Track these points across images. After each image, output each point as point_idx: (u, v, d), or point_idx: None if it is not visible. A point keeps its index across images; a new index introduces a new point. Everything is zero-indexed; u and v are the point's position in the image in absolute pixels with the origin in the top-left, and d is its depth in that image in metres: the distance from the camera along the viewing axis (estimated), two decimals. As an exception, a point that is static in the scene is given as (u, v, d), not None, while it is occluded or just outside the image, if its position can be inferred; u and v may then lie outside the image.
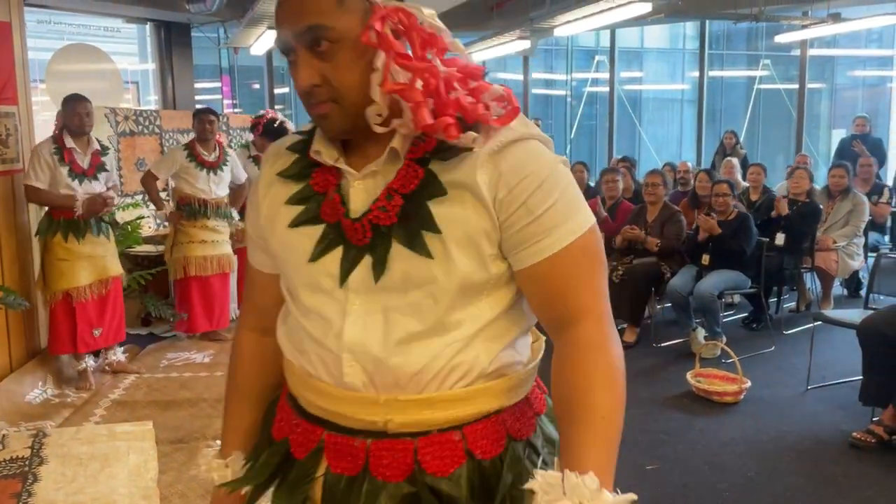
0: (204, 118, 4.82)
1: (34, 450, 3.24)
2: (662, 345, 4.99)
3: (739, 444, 3.40)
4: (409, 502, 1.04)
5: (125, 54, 11.08)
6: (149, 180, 4.79)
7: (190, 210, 4.78)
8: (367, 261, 1.02)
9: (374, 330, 1.03)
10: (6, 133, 4.10)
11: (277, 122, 5.31)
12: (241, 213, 5.08)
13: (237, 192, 5.11)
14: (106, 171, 4.22)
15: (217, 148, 4.88)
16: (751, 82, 13.94)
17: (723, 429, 3.58)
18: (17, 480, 2.96)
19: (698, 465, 3.18)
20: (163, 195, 5.13)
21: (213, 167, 4.84)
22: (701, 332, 4.84)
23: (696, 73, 10.75)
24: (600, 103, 13.34)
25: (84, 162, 4.10)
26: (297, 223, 1.07)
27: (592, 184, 7.12)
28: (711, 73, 13.20)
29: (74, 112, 4.01)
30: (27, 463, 3.12)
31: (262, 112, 5.60)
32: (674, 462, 3.21)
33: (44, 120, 6.77)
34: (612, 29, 10.79)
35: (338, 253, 1.04)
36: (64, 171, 3.98)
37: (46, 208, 4.14)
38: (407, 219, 1.00)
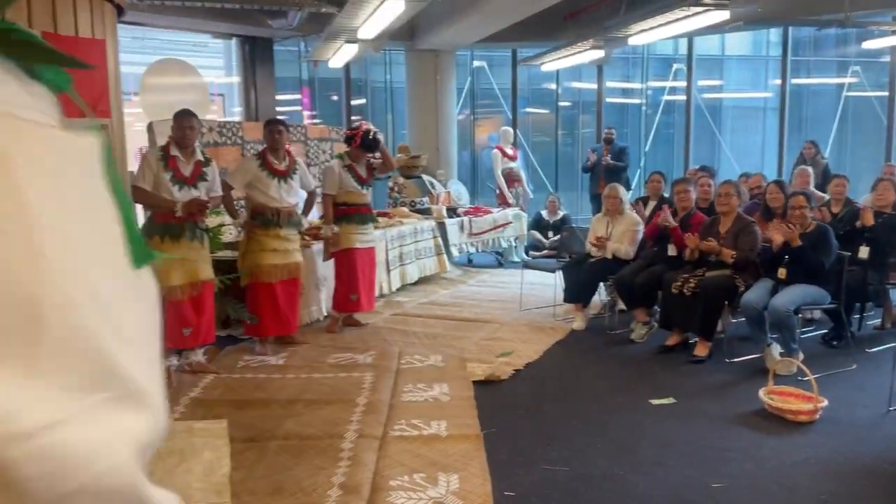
0: (273, 128, 5.01)
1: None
2: (735, 360, 4.86)
3: (813, 464, 3.29)
4: None
5: (212, 68, 11.62)
6: (224, 190, 4.94)
7: (263, 219, 4.94)
8: None
9: None
10: (100, 144, 4.36)
11: (372, 134, 5.51)
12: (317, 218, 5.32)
13: (308, 199, 5.31)
14: (206, 180, 4.51)
15: (287, 157, 5.06)
16: (839, 90, 13.38)
17: (796, 449, 3.47)
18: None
19: (767, 486, 3.09)
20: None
21: (284, 175, 5.01)
22: (776, 349, 4.69)
23: (780, 81, 10.42)
24: (678, 112, 13.05)
25: (186, 170, 4.44)
26: None
27: (667, 194, 7.00)
28: (796, 81, 12.75)
29: (180, 125, 4.42)
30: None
31: (356, 124, 5.81)
32: (741, 481, 3.13)
33: (137, 131, 7.17)
34: (690, 37, 10.58)
35: None
36: (167, 176, 4.34)
37: (150, 213, 4.49)
38: None
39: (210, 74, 10.90)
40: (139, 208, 4.60)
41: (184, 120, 4.46)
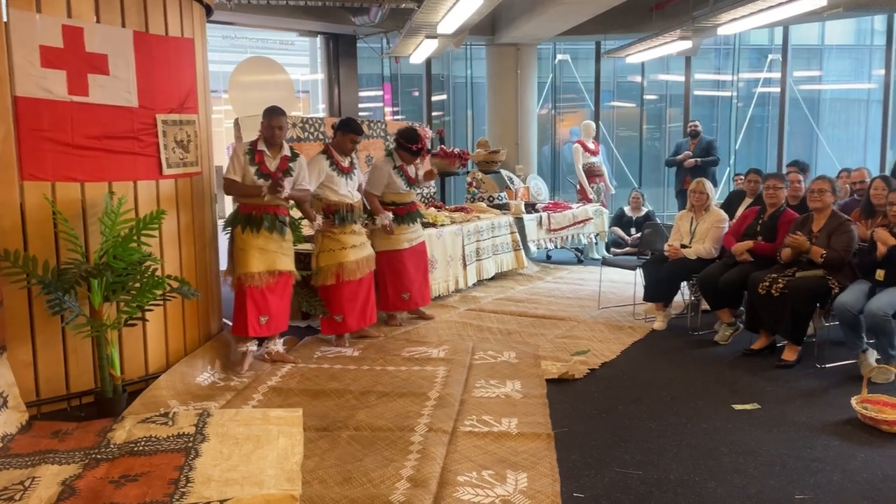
0: (351, 136, 5.01)
1: (198, 427, 3.56)
2: (827, 366, 4.61)
3: (908, 480, 3.07)
4: None
5: (298, 65, 11.91)
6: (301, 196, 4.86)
7: (339, 217, 4.99)
8: None
9: None
10: (187, 139, 4.54)
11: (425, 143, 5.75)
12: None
13: (362, 194, 5.37)
14: (290, 175, 4.61)
15: (349, 155, 5.12)
16: (952, 79, 12.45)
17: (889, 462, 3.24)
18: (181, 454, 3.27)
19: (855, 499, 2.90)
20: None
21: (349, 172, 5.08)
22: (872, 355, 4.41)
23: (884, 71, 9.80)
24: (772, 105, 12.49)
25: (272, 165, 4.57)
26: None
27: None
28: (903, 71, 11.96)
29: (269, 125, 4.55)
30: (191, 439, 3.43)
31: (416, 128, 5.88)
32: (827, 493, 2.96)
33: (226, 128, 7.43)
34: (785, 25, 10.09)
35: None
36: (252, 169, 4.50)
37: (236, 204, 4.67)
38: None
39: (296, 72, 11.18)
40: (228, 199, 4.78)
41: (273, 119, 4.53)
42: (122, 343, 4.16)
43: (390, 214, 5.50)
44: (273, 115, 4.53)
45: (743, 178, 6.63)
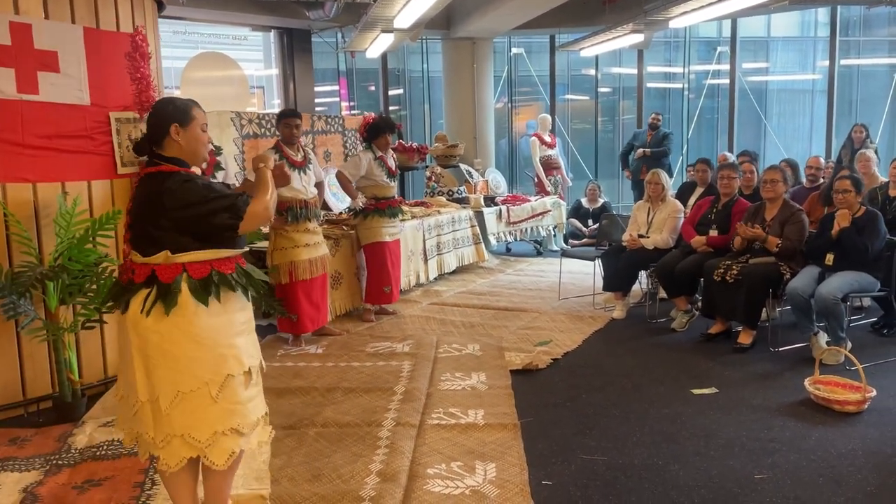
0: (290, 121, 4.90)
1: (162, 429, 3.51)
2: (780, 349, 4.75)
3: (860, 456, 3.20)
4: None
5: (252, 61, 11.71)
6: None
7: (293, 214, 4.86)
8: None
9: None
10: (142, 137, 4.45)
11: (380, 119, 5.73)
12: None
13: (320, 190, 5.29)
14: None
15: (300, 149, 5.05)
16: (891, 70, 12.91)
17: (842, 440, 3.37)
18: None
19: (812, 478, 3.02)
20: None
21: (302, 166, 4.96)
22: (823, 337, 4.57)
23: (828, 62, 10.12)
24: (722, 96, 12.76)
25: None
26: None
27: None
28: (845, 62, 12.37)
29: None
30: (156, 441, 3.38)
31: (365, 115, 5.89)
32: (785, 472, 3.06)
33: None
34: (734, 18, 10.32)
35: None
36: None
37: None
38: None
39: (250, 67, 10.99)
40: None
41: (289, 120, 4.83)
42: (80, 346, 4.08)
43: (363, 197, 5.56)
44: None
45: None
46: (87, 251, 3.76)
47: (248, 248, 2.60)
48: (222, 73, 8.29)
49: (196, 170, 2.47)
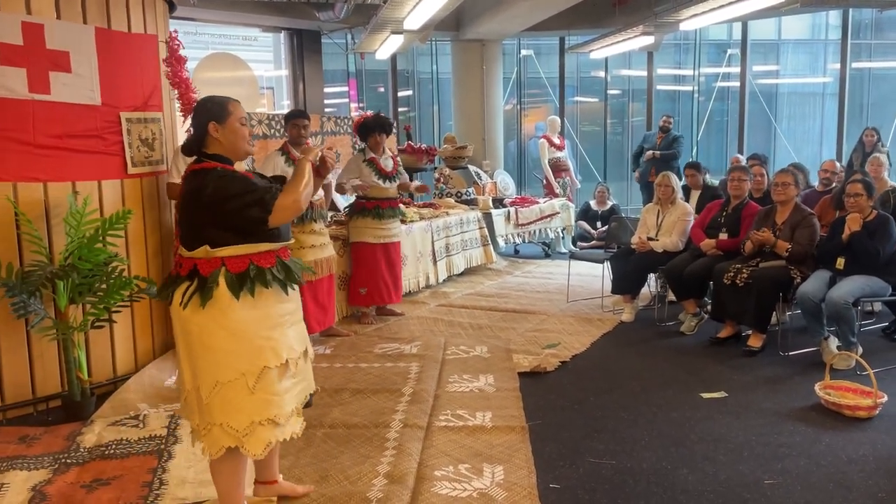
0: (298, 122, 4.88)
1: (170, 429, 3.52)
2: (790, 354, 4.72)
3: (870, 462, 3.17)
4: None
5: (262, 62, 11.75)
6: None
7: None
8: None
9: None
10: (152, 137, 4.47)
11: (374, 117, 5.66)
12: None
13: (327, 191, 5.25)
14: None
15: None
16: (904, 73, 12.84)
17: (852, 445, 3.35)
18: (154, 457, 3.23)
19: (822, 483, 2.99)
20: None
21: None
22: (833, 342, 4.54)
23: (839, 65, 10.07)
24: (732, 99, 12.72)
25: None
26: None
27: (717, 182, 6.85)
28: (857, 65, 12.29)
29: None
30: (164, 441, 3.39)
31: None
32: (795, 478, 3.04)
33: (189, 125, 7.31)
34: (744, 21, 10.29)
35: None
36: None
37: None
38: None
39: (260, 68, 11.03)
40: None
41: (297, 120, 4.83)
42: (89, 345, 4.09)
43: (356, 181, 5.47)
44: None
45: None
46: (97, 251, 3.77)
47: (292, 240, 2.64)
48: (232, 73, 8.31)
49: (242, 164, 2.51)
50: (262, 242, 2.43)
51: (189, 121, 4.42)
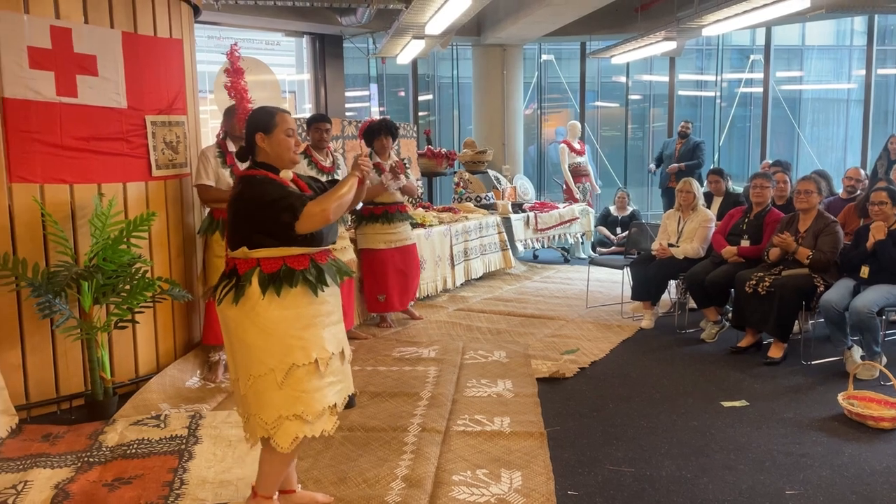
0: (319, 126, 4.93)
1: (191, 430, 3.55)
2: (813, 363, 4.67)
3: (894, 474, 3.12)
4: None
5: (284, 66, 11.85)
6: None
7: None
8: None
9: None
10: (176, 140, 4.52)
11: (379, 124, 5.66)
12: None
13: (359, 194, 5.28)
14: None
15: (329, 154, 5.05)
16: (931, 80, 12.65)
17: (876, 456, 3.30)
18: (175, 456, 3.26)
19: (844, 494, 2.95)
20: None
21: (331, 172, 4.97)
22: (857, 352, 4.48)
23: (864, 72, 9.95)
24: (754, 105, 12.60)
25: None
26: None
27: (739, 189, 6.80)
28: (882, 71, 12.14)
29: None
30: (184, 441, 3.43)
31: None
32: (817, 489, 3.01)
33: (213, 128, 7.38)
34: (768, 27, 10.20)
35: None
36: (226, 172, 4.39)
37: (208, 210, 4.53)
38: None
39: (282, 72, 11.12)
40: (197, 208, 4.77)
41: (319, 124, 4.90)
42: (112, 345, 4.14)
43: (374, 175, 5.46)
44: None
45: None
46: (122, 252, 3.82)
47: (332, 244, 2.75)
48: (255, 77, 8.36)
49: (287, 174, 2.61)
50: (296, 246, 2.53)
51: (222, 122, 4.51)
